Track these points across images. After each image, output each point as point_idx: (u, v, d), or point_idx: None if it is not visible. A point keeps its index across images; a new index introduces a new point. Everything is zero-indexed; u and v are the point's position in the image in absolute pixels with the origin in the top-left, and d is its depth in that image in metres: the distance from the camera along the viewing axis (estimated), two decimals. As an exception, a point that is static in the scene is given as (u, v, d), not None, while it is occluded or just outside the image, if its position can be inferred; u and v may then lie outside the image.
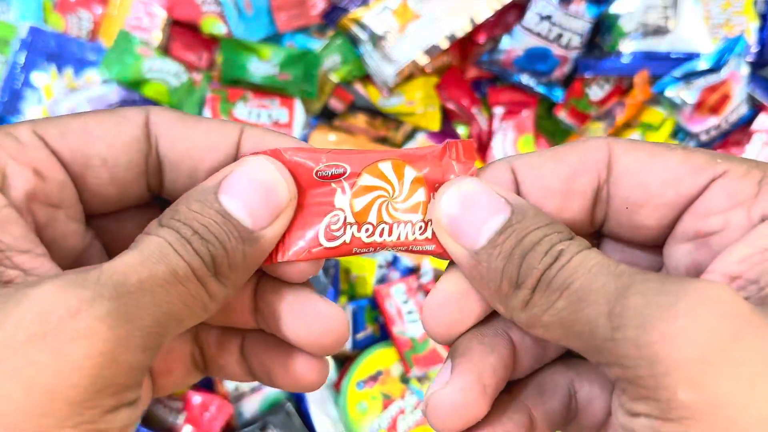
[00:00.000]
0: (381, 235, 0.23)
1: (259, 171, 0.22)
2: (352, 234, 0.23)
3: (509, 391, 0.24)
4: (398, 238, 0.23)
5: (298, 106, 0.78)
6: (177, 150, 0.23)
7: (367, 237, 0.23)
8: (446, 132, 0.82)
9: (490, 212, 0.21)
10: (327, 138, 0.79)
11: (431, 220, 0.23)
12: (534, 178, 0.23)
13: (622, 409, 0.19)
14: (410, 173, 0.23)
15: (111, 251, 0.24)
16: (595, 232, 0.24)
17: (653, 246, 0.23)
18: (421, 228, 0.23)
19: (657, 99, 0.77)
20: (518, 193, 0.23)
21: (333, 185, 0.23)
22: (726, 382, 0.17)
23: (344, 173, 0.23)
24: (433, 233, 0.23)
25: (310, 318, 0.23)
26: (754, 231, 0.20)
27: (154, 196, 0.24)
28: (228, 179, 0.21)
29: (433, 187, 0.23)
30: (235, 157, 0.23)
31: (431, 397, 0.22)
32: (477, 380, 0.22)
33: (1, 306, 0.17)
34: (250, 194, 0.21)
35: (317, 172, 0.23)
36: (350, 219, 0.23)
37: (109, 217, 0.24)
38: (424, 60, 0.76)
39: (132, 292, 0.18)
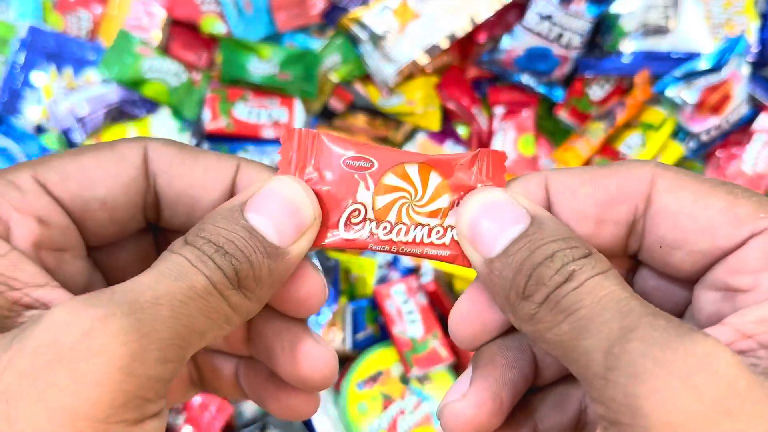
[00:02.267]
0: (398, 234, 0.23)
1: (285, 189, 0.22)
2: (371, 230, 0.23)
3: (521, 401, 0.24)
4: (413, 240, 0.23)
5: (298, 105, 0.78)
6: (175, 188, 0.23)
7: (385, 234, 0.23)
8: (446, 132, 0.82)
9: (509, 222, 0.21)
10: (327, 138, 0.79)
11: (450, 227, 0.23)
12: (568, 200, 0.22)
13: None
14: (435, 178, 0.23)
15: (109, 279, 0.25)
16: (632, 256, 0.24)
17: (686, 281, 0.23)
18: (438, 233, 0.23)
19: (657, 99, 0.77)
20: (549, 211, 0.23)
21: (357, 177, 0.23)
22: None
23: (371, 167, 0.23)
24: (451, 239, 0.23)
25: (299, 357, 0.24)
26: None
27: (149, 224, 0.25)
28: (254, 197, 0.22)
29: (458, 194, 0.23)
30: (232, 193, 0.23)
31: (446, 407, 0.22)
32: (495, 396, 0.22)
33: (19, 336, 0.18)
34: (277, 211, 0.21)
35: (345, 160, 0.23)
36: (370, 215, 0.23)
37: (105, 247, 0.24)
38: (424, 60, 0.76)
39: (146, 308, 0.18)
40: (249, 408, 0.71)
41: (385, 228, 0.23)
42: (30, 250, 0.21)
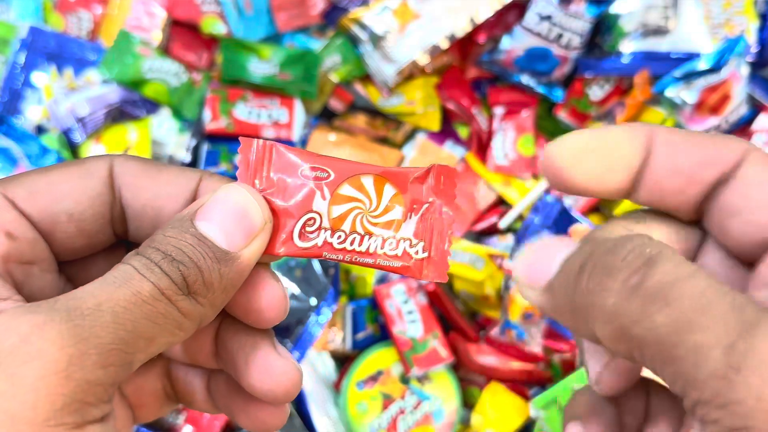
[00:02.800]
0: (351, 243, 0.24)
1: (233, 196, 0.22)
2: (325, 239, 0.24)
3: None
4: (367, 250, 0.24)
5: (298, 106, 0.78)
6: (139, 201, 0.24)
7: (339, 243, 0.24)
8: (446, 132, 0.82)
9: (558, 249, 0.20)
10: (327, 138, 0.79)
11: (403, 239, 0.24)
12: (669, 153, 0.21)
13: None
14: (390, 191, 0.24)
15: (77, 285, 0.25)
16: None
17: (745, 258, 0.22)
18: (391, 244, 0.24)
19: (657, 99, 0.77)
20: (646, 163, 0.22)
21: (313, 186, 0.24)
22: None
23: (327, 178, 0.24)
24: (404, 251, 0.24)
25: (261, 371, 0.24)
26: None
27: (120, 239, 0.25)
28: (203, 206, 0.22)
29: (412, 207, 0.24)
30: None
31: None
32: None
33: None
34: (225, 217, 0.22)
35: (302, 171, 0.24)
36: (325, 224, 0.24)
37: (79, 262, 0.25)
38: (424, 60, 0.76)
39: (87, 314, 0.19)
40: (249, 408, 0.71)
41: (339, 237, 0.24)
42: None
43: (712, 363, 0.16)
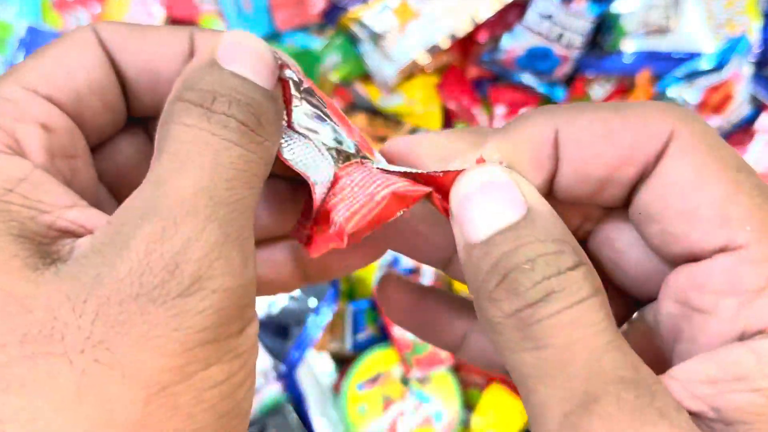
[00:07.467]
0: None
1: (244, 37, 0.21)
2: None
3: None
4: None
5: (298, 105, 0.77)
6: (135, 64, 0.22)
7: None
8: (447, 132, 0.82)
9: (501, 208, 0.19)
10: (327, 138, 0.79)
11: None
12: (576, 159, 0.20)
13: None
14: None
15: (112, 187, 0.24)
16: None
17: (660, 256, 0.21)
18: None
19: (659, 99, 0.77)
20: (555, 166, 0.20)
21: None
22: None
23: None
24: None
25: None
26: (733, 349, 0.17)
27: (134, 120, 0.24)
28: (219, 53, 0.20)
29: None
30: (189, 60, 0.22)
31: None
32: None
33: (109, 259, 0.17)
34: (248, 59, 0.20)
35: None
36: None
37: (106, 154, 0.23)
38: (424, 59, 0.76)
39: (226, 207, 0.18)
40: (248, 409, 0.71)
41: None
42: (46, 160, 0.19)
43: (550, 424, 0.17)
